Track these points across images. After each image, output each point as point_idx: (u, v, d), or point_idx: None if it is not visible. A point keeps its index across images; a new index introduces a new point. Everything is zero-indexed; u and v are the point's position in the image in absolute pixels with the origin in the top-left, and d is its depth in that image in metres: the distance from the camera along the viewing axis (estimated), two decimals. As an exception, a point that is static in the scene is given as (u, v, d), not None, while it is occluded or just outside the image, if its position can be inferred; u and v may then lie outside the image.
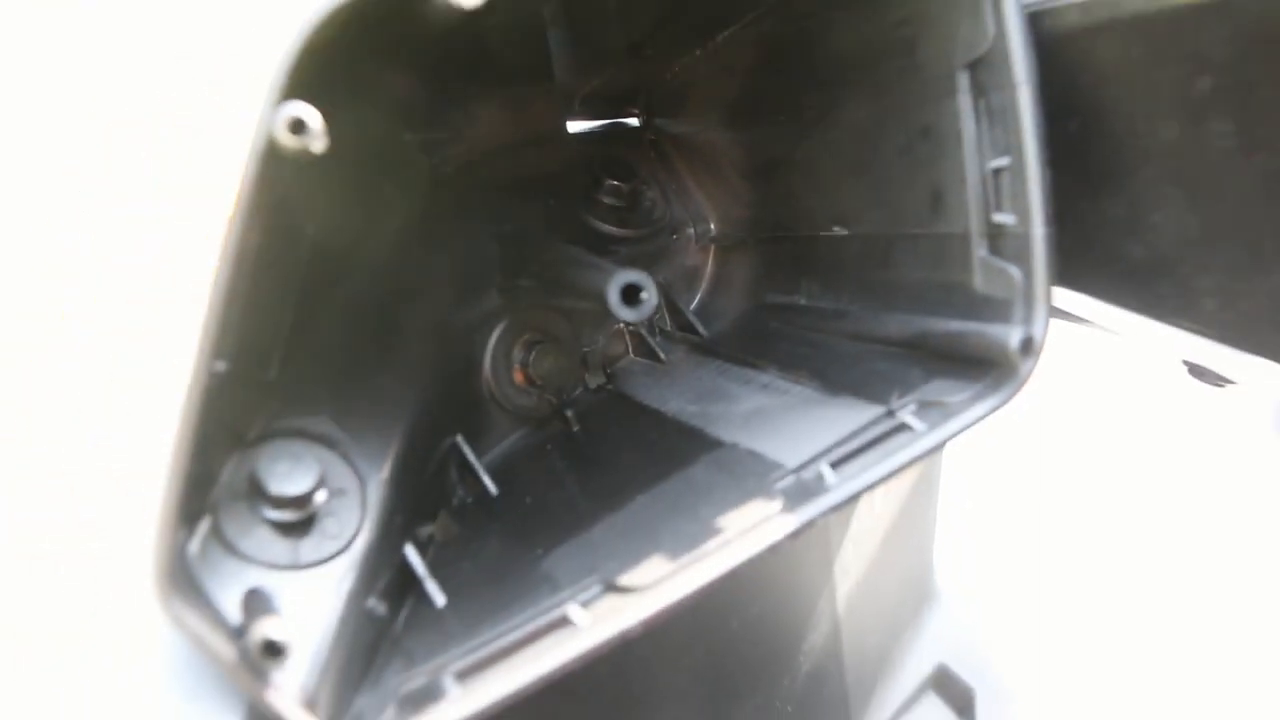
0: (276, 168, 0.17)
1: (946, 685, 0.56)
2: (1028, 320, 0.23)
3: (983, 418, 0.23)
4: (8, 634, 0.30)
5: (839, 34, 0.27)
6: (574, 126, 0.34)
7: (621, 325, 0.33)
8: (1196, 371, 0.33)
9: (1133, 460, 0.61)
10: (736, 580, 0.39)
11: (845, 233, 0.29)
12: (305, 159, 0.17)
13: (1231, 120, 0.22)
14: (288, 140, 0.17)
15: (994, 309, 0.24)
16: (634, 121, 0.35)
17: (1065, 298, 0.31)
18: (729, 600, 0.40)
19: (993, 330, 0.23)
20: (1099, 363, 0.56)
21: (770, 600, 0.44)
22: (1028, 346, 0.23)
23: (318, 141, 0.17)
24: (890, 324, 0.27)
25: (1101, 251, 0.27)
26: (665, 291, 0.32)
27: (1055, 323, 0.30)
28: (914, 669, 0.55)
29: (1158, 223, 0.25)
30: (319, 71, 0.18)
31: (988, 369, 0.24)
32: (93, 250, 0.36)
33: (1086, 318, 0.31)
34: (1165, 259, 0.26)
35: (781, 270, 0.32)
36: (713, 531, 0.21)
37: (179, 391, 0.24)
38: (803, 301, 0.31)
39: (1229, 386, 0.32)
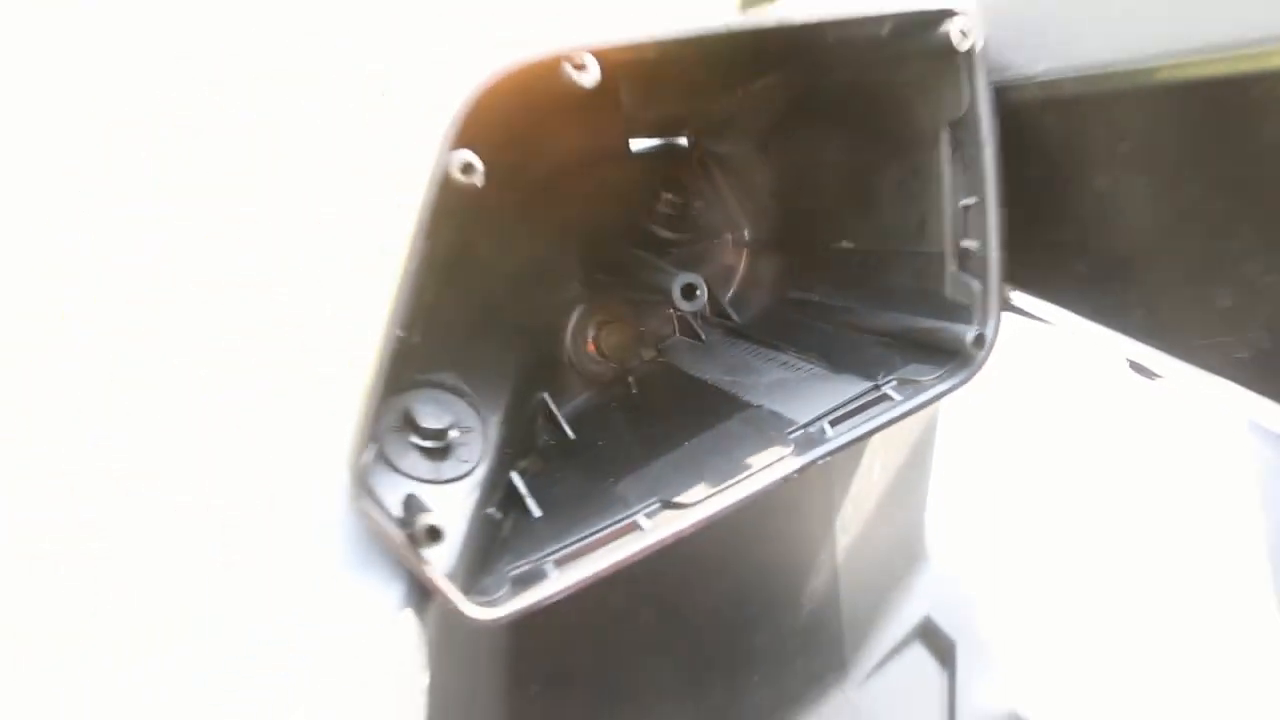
0: (448, 196, 0.24)
1: (931, 636, 0.61)
2: (983, 322, 0.30)
3: (945, 393, 0.30)
4: (241, 536, 0.33)
5: (853, 91, 0.34)
6: (636, 145, 0.41)
7: (673, 311, 0.40)
8: (1135, 367, 0.40)
9: (1094, 444, 0.67)
10: (753, 527, 0.46)
11: (851, 246, 0.36)
12: (469, 190, 0.24)
13: (1144, 173, 0.29)
14: (458, 177, 0.24)
15: (958, 312, 0.31)
16: (684, 142, 0.42)
17: (1034, 304, 0.38)
18: (746, 544, 0.47)
19: (956, 328, 0.31)
20: (1069, 357, 0.62)
21: (779, 547, 0.50)
22: (980, 341, 0.30)
23: (479, 178, 0.24)
24: (882, 320, 0.34)
25: (1055, 268, 0.34)
26: (707, 285, 0.39)
27: (1028, 322, 0.37)
28: (903, 620, 0.61)
29: (1095, 248, 0.32)
30: (478, 125, 0.25)
31: (951, 357, 0.31)
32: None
33: (1051, 320, 0.38)
34: (1103, 276, 0.33)
35: (800, 272, 0.39)
36: (742, 467, 0.28)
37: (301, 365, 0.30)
38: (816, 299, 0.38)
39: (1159, 380, 0.39)
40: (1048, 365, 0.66)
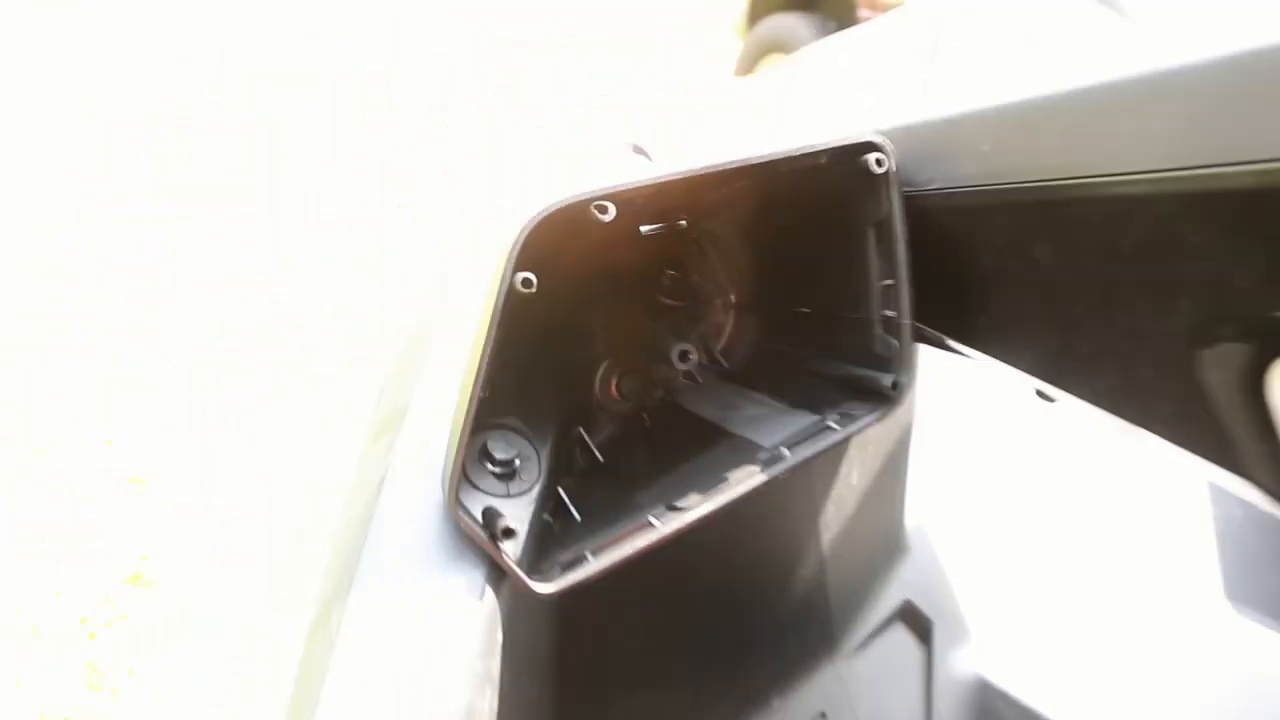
0: (512, 300, 0.35)
1: (911, 617, 0.70)
2: (899, 371, 0.41)
3: (871, 423, 0.41)
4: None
5: (804, 198, 0.45)
6: (645, 228, 0.52)
7: (677, 364, 0.50)
8: (1039, 393, 0.51)
9: (1031, 450, 0.76)
10: (747, 528, 0.56)
11: (808, 310, 0.47)
12: (527, 294, 0.35)
13: (1013, 258, 0.40)
14: (519, 289, 0.35)
15: (882, 363, 0.42)
16: (683, 223, 0.53)
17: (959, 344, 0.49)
18: (741, 543, 0.57)
19: (882, 376, 0.41)
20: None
21: (770, 544, 0.60)
22: (897, 386, 0.41)
23: (534, 287, 0.35)
24: (830, 367, 0.45)
25: (967, 322, 0.45)
26: (703, 338, 0.49)
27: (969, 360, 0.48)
28: (885, 603, 0.69)
29: (991, 309, 0.43)
30: (529, 249, 0.35)
31: (878, 397, 0.42)
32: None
33: (972, 355, 0.49)
34: (999, 330, 0.43)
35: (774, 329, 0.50)
36: (724, 480, 0.39)
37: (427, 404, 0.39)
38: (785, 349, 0.49)
39: (1056, 402, 0.49)
40: (992, 390, 0.76)
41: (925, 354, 0.68)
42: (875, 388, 0.42)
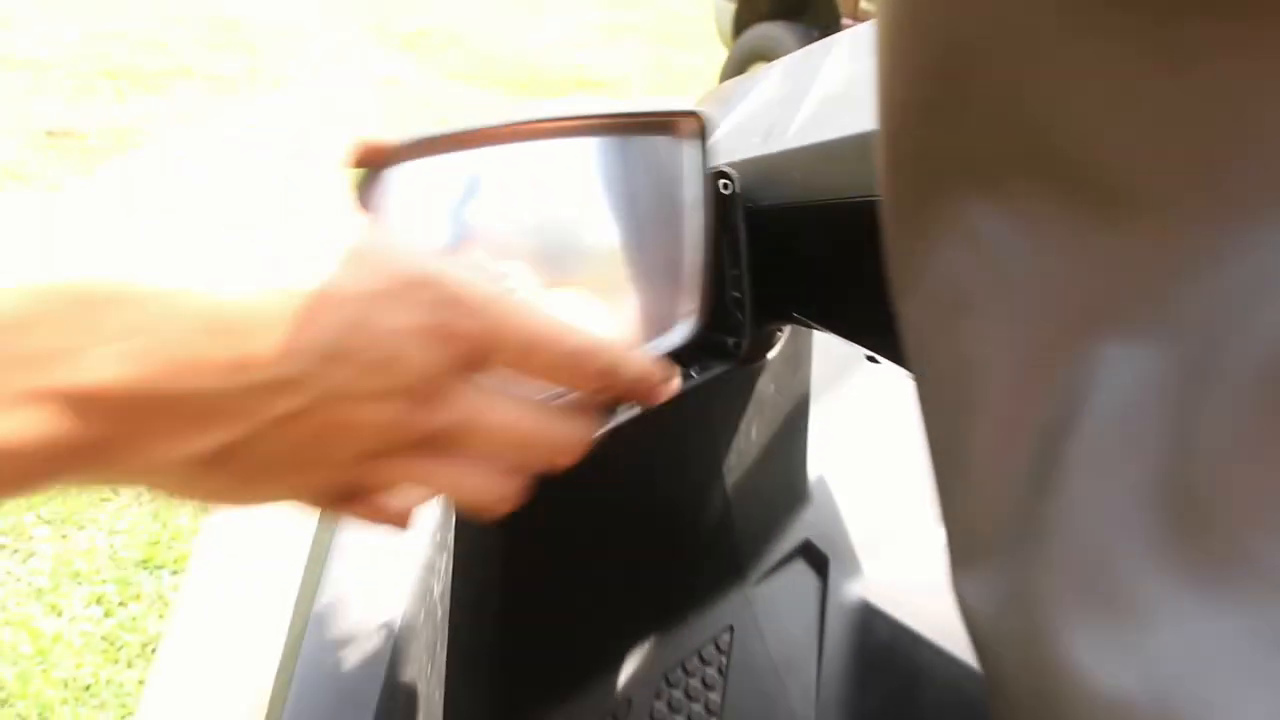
0: None
1: (810, 553, 0.82)
2: (740, 336, 0.55)
3: (720, 374, 0.54)
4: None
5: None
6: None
7: None
8: (869, 357, 0.65)
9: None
10: (656, 466, 0.69)
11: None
12: None
13: (830, 255, 0.54)
14: None
15: (732, 330, 0.55)
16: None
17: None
18: (652, 480, 0.70)
19: (729, 339, 0.55)
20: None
21: (679, 483, 0.73)
22: (738, 345, 0.54)
23: None
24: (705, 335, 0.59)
25: (808, 304, 0.58)
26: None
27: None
28: (788, 542, 0.81)
29: (819, 293, 0.57)
30: None
31: (727, 355, 0.55)
32: None
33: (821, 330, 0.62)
34: (826, 308, 0.57)
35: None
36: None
37: None
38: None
39: (882, 363, 0.63)
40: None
41: (821, 338, 0.82)
42: (725, 349, 0.55)
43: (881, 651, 0.76)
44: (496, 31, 6.46)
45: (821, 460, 0.85)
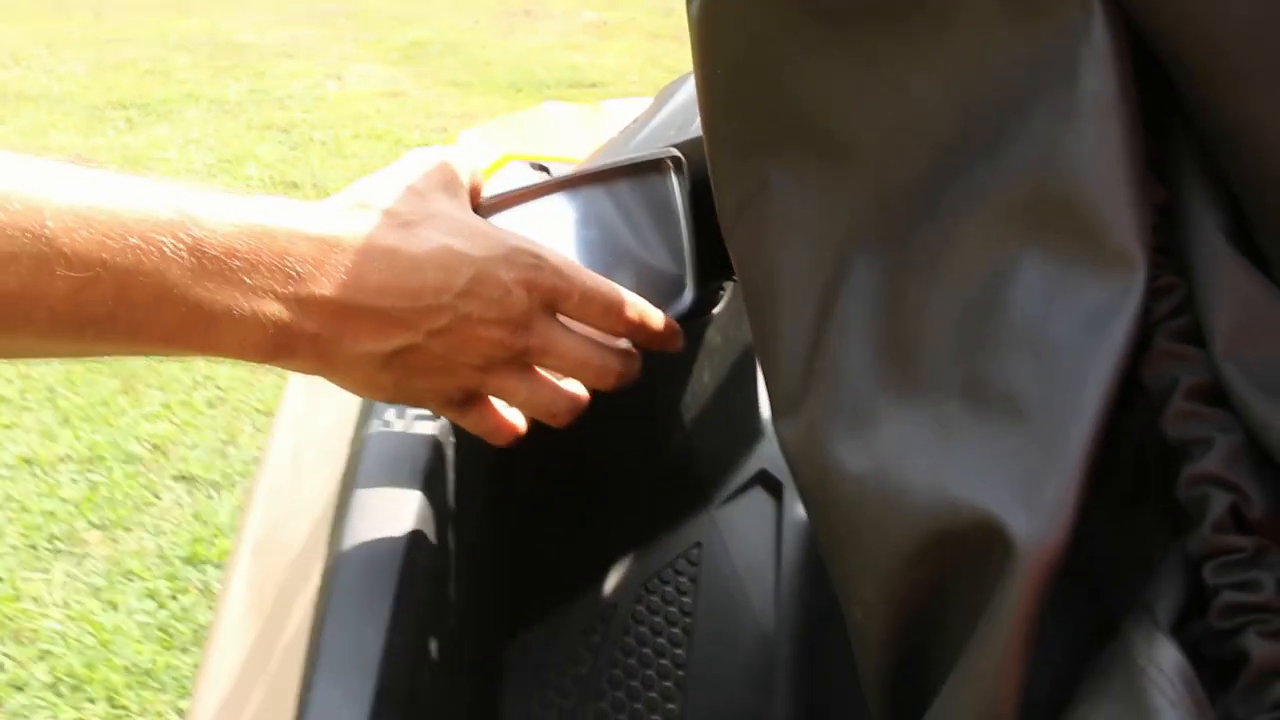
0: None
1: (766, 480, 0.93)
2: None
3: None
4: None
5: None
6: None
7: None
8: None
9: None
10: (617, 404, 0.82)
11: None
12: None
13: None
14: None
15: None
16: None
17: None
18: (617, 415, 0.82)
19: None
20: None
21: (642, 422, 0.85)
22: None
23: None
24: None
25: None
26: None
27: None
28: (746, 471, 0.92)
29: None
30: None
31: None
32: None
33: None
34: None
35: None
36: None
37: None
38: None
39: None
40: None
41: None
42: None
43: (828, 557, 0.88)
44: (490, 39, 6.59)
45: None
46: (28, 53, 6.19)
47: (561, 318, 0.51)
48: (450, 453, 0.62)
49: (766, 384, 0.43)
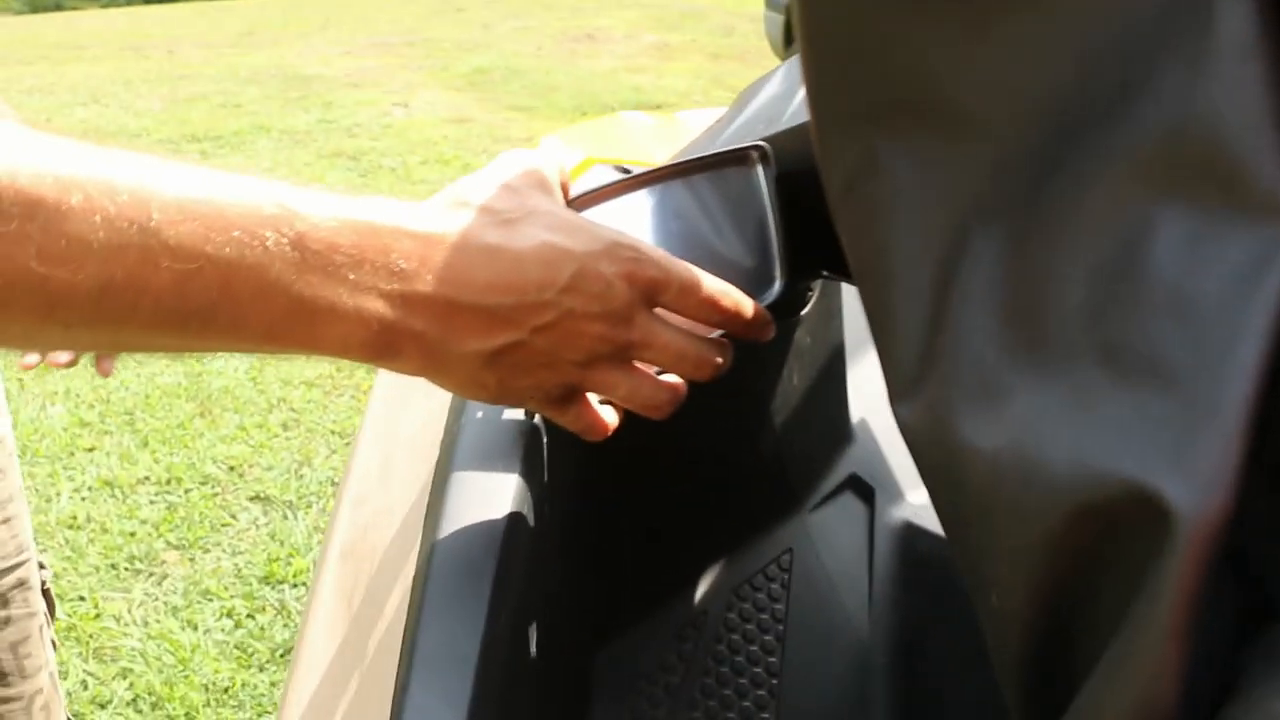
0: None
1: (857, 485, 0.91)
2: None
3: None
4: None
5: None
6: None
7: None
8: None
9: None
10: (710, 411, 0.81)
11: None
12: None
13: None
14: None
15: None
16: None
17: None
18: (708, 423, 0.80)
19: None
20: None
21: (731, 426, 0.84)
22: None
23: None
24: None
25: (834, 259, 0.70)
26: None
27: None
28: (836, 476, 0.90)
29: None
30: None
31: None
32: None
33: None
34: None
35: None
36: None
37: None
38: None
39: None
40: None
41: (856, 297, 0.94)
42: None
43: (924, 561, 0.86)
44: (553, 64, 6.65)
45: (862, 405, 0.95)
46: (105, 91, 6.36)
47: (659, 311, 0.50)
48: (544, 452, 0.61)
49: (883, 366, 0.42)
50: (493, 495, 0.56)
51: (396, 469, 0.67)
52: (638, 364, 0.51)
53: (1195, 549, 0.28)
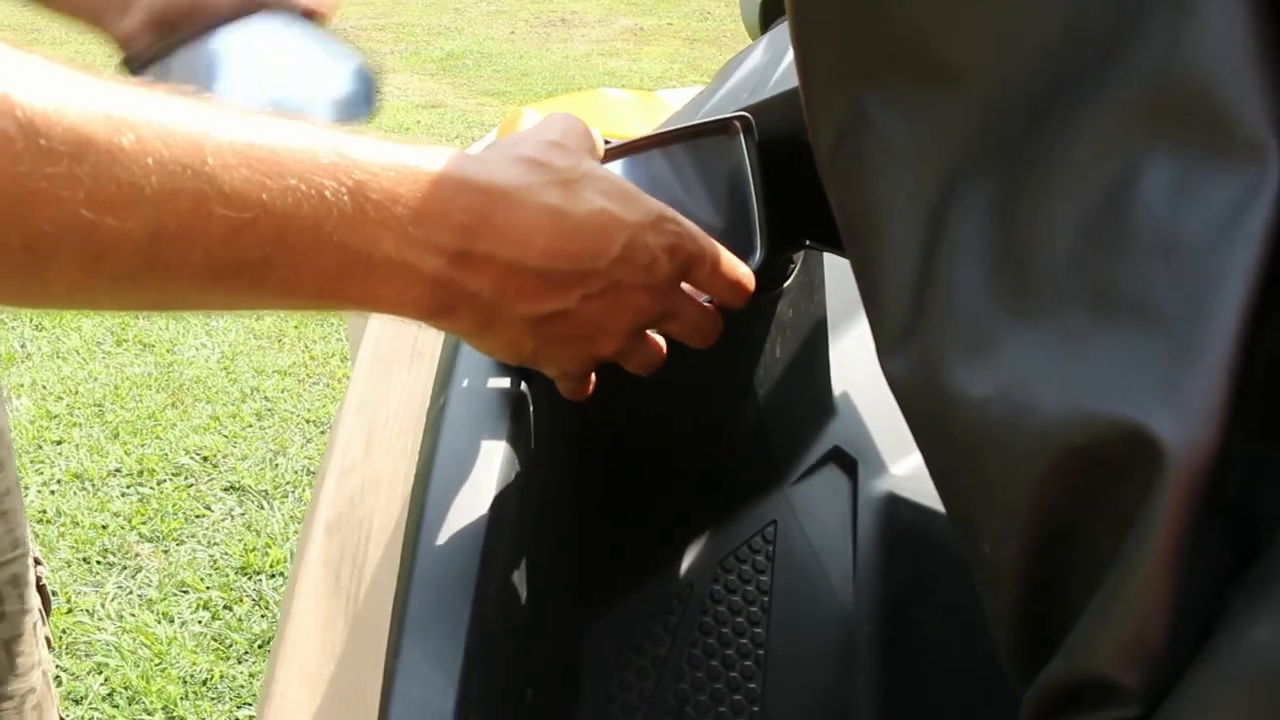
0: None
1: (840, 457, 0.91)
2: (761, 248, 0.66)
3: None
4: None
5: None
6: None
7: None
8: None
9: None
10: (694, 384, 0.81)
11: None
12: None
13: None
14: None
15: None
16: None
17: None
18: (692, 395, 0.81)
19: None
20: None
21: (714, 399, 0.84)
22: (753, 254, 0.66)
23: None
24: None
25: (816, 228, 0.70)
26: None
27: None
28: (819, 449, 0.91)
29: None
30: None
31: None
32: None
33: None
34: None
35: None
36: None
37: None
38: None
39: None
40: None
41: (838, 272, 0.94)
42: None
43: (907, 531, 0.87)
44: (526, 49, 6.62)
45: (845, 378, 0.96)
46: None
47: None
48: (531, 421, 0.61)
49: (871, 323, 0.42)
50: (480, 464, 0.56)
51: (382, 440, 0.67)
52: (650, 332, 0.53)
53: (1184, 484, 0.28)
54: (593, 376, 0.53)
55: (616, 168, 0.58)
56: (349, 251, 0.38)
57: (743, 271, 0.53)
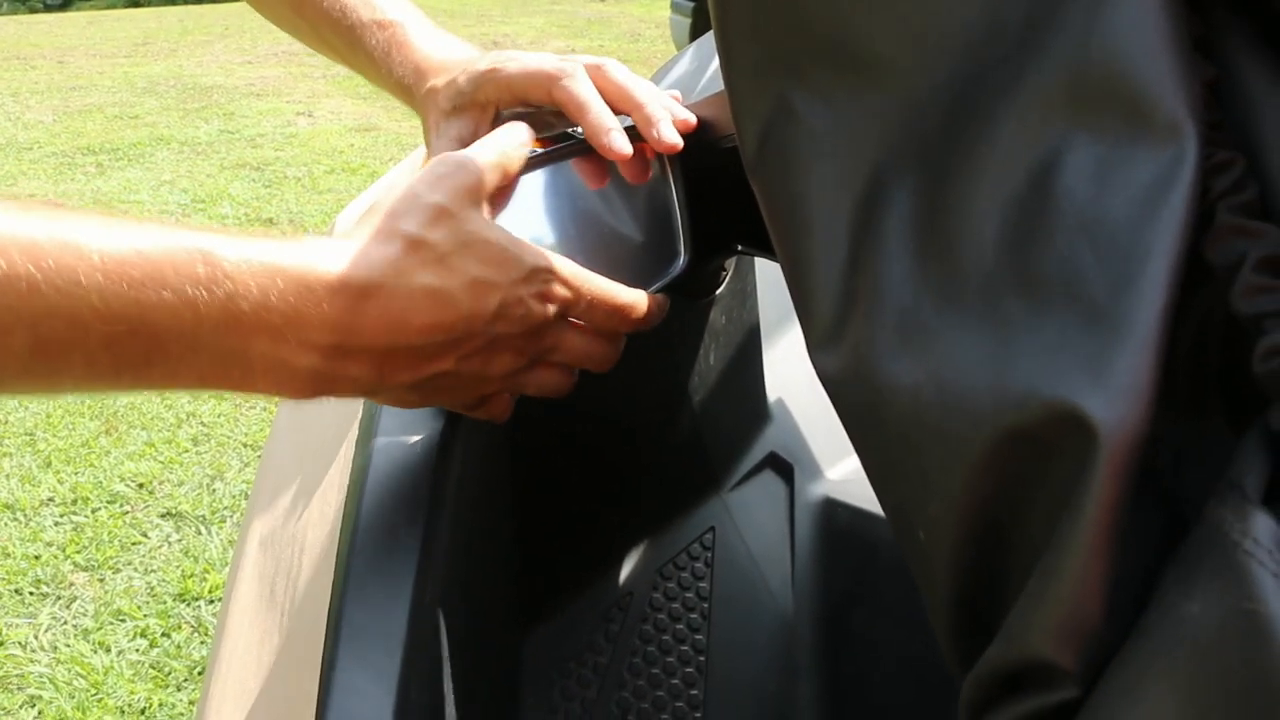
0: None
1: (776, 463, 0.92)
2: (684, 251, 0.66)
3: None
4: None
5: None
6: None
7: None
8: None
9: None
10: (628, 393, 0.81)
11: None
12: None
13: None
14: None
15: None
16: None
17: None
18: (626, 405, 0.80)
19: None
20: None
21: (649, 407, 0.84)
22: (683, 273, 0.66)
23: None
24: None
25: (746, 233, 0.70)
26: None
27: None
28: (755, 455, 0.91)
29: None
30: None
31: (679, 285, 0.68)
32: None
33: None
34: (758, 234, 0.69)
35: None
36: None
37: None
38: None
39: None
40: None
41: (770, 278, 0.94)
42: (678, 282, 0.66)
43: (845, 535, 0.87)
44: (459, 68, 6.58)
45: (779, 384, 0.96)
46: (-9, 102, 6.15)
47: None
48: (465, 429, 0.60)
49: (801, 319, 0.42)
50: (414, 474, 0.55)
51: (314, 452, 0.66)
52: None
53: (1115, 462, 0.29)
54: (507, 399, 0.54)
55: (536, 179, 0.57)
56: (224, 354, 0.40)
57: (625, 299, 0.53)
